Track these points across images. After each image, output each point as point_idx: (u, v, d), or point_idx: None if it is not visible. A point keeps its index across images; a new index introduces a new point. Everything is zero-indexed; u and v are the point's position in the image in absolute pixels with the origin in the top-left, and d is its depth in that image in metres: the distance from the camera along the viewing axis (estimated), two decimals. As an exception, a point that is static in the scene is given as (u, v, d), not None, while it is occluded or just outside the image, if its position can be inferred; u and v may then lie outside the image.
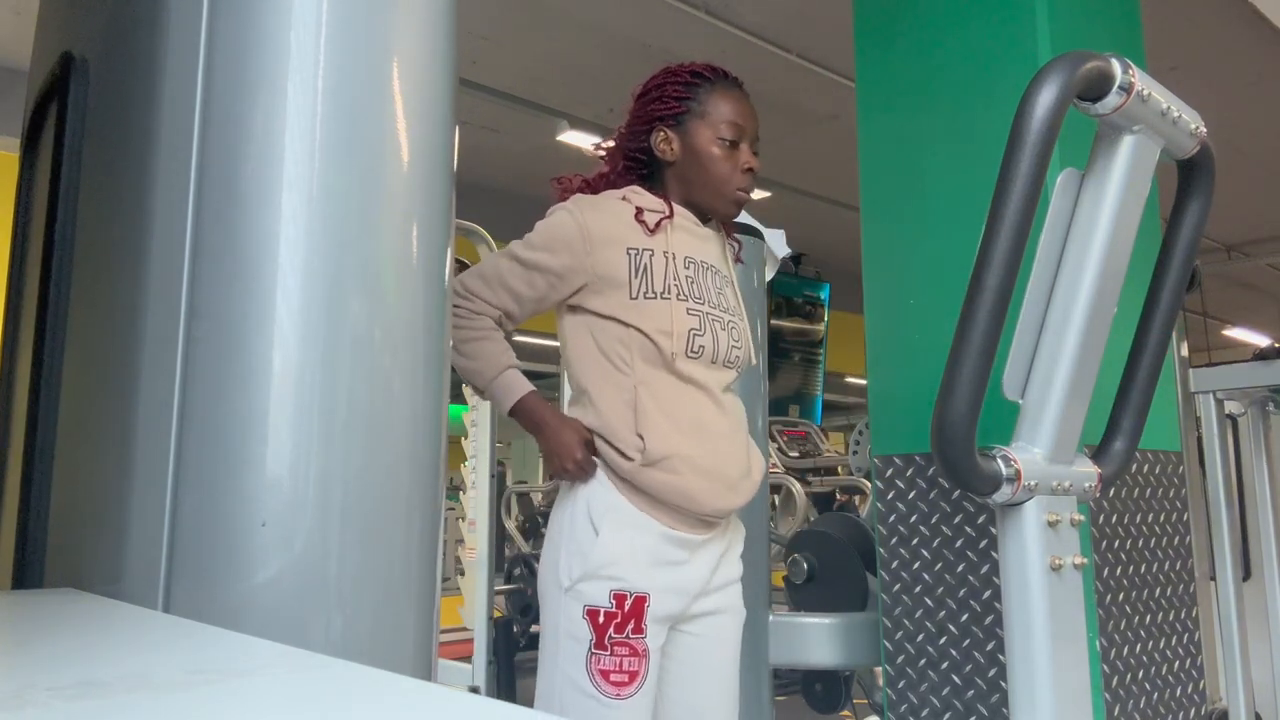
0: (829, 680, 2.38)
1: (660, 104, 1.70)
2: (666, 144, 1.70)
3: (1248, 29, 5.26)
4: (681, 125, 1.69)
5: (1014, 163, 1.12)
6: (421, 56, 1.06)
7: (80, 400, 1.05)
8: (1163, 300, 1.49)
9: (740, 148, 1.68)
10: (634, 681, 1.47)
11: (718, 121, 1.67)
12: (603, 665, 1.47)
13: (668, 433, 1.54)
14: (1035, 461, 1.19)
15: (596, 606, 1.49)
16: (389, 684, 0.59)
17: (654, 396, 1.57)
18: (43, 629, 0.80)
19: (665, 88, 1.71)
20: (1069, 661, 1.19)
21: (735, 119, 1.68)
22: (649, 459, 1.52)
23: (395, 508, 0.98)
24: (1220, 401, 2.51)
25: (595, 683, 1.47)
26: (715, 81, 1.70)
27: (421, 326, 1.03)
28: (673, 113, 1.69)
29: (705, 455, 1.56)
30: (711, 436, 1.59)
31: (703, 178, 1.69)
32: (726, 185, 1.68)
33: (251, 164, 0.95)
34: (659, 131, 1.70)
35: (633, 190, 1.70)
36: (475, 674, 3.28)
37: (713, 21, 5.16)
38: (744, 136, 1.68)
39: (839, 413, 11.29)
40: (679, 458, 1.53)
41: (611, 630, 1.48)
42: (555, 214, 1.67)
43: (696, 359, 1.59)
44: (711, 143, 1.67)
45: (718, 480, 1.58)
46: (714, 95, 1.69)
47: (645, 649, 1.49)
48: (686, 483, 1.53)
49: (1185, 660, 2.09)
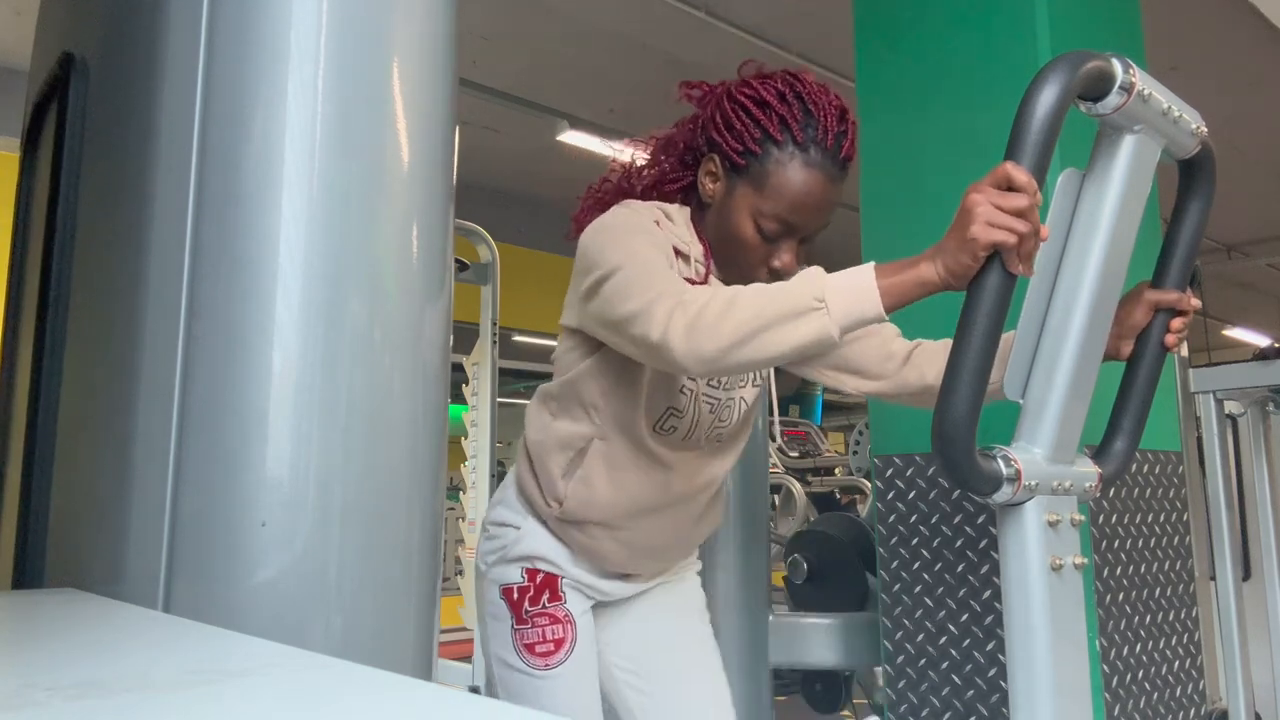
0: (829, 680, 2.37)
1: (729, 133, 1.35)
2: (711, 180, 1.39)
3: (1248, 29, 5.26)
4: (734, 174, 1.35)
5: (1014, 162, 1.11)
6: (421, 56, 1.06)
7: (80, 400, 1.05)
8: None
9: (780, 245, 1.35)
10: (560, 649, 1.43)
11: (771, 200, 1.32)
12: (526, 639, 1.44)
13: (595, 502, 1.43)
14: (1036, 461, 1.19)
15: (510, 584, 1.46)
16: (389, 684, 0.59)
17: (604, 457, 1.42)
18: (43, 629, 0.80)
19: (752, 114, 1.33)
20: (1069, 661, 1.19)
21: (791, 210, 1.32)
22: (565, 516, 1.45)
23: (395, 508, 0.98)
24: (1220, 401, 2.51)
25: (523, 657, 1.44)
26: (808, 149, 1.31)
27: (421, 326, 1.03)
28: (734, 152, 1.34)
29: (631, 530, 1.46)
30: (650, 512, 1.46)
31: (724, 248, 1.39)
32: (744, 274, 1.37)
33: (251, 164, 0.95)
34: (711, 160, 1.38)
35: (666, 215, 1.39)
36: (475, 674, 3.28)
37: (713, 21, 5.16)
38: (791, 234, 1.34)
39: (839, 413, 11.29)
40: (597, 526, 1.45)
41: (527, 604, 1.45)
42: (613, 213, 1.37)
43: (665, 436, 1.43)
44: (748, 218, 1.34)
45: (638, 551, 1.50)
46: (791, 165, 1.31)
47: (566, 614, 1.45)
48: (599, 546, 1.46)
49: (1185, 660, 2.09)
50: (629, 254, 1.27)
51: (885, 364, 1.50)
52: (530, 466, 1.49)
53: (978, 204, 1.07)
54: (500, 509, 1.54)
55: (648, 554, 1.53)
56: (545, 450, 1.46)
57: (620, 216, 1.36)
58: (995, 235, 1.06)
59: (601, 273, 1.27)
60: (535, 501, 1.47)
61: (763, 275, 1.37)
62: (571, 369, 1.44)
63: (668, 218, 1.39)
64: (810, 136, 1.31)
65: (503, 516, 1.52)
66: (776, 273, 1.36)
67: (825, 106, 1.33)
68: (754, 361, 1.16)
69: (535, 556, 1.47)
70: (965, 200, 1.09)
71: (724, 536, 2.27)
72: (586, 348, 1.42)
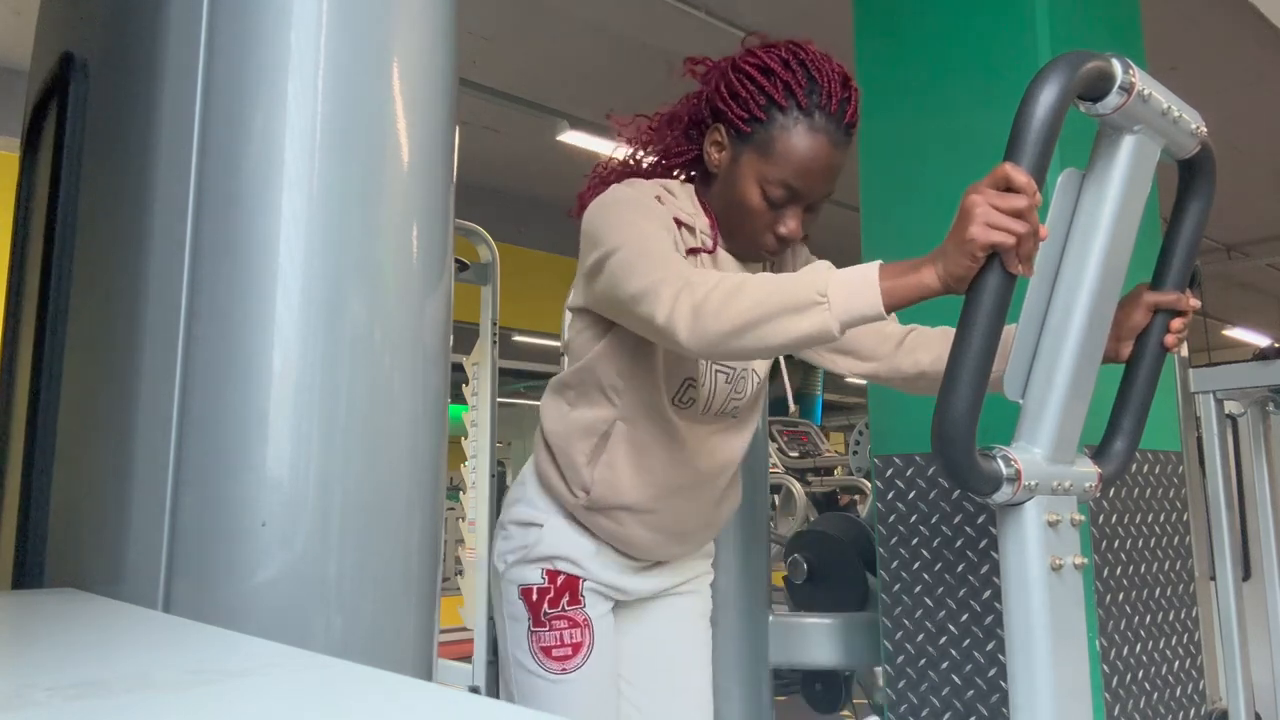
0: (829, 680, 2.37)
1: (734, 101, 1.35)
2: (716, 150, 1.39)
3: (1248, 29, 5.26)
4: (739, 142, 1.36)
5: (1014, 162, 1.11)
6: (421, 56, 1.06)
7: (80, 400, 1.05)
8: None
9: (786, 211, 1.36)
10: (578, 653, 1.43)
11: (776, 166, 1.33)
12: (543, 642, 1.43)
13: (621, 486, 1.43)
14: (1036, 461, 1.19)
15: (530, 584, 1.45)
16: (389, 684, 0.58)
17: (628, 440, 1.42)
18: (43, 629, 0.80)
19: (756, 81, 1.34)
20: (1069, 661, 1.19)
21: (797, 175, 1.33)
22: (592, 504, 1.44)
23: (395, 508, 0.98)
24: (1220, 401, 2.51)
25: (539, 660, 1.43)
26: (812, 114, 1.32)
27: (421, 326, 1.03)
28: (739, 119, 1.34)
29: (658, 512, 1.46)
30: (675, 492, 1.47)
31: (730, 216, 1.40)
32: (751, 241, 1.40)
33: (251, 164, 0.95)
34: (716, 130, 1.39)
35: (668, 190, 1.40)
36: (475, 674, 3.28)
37: (713, 21, 5.16)
38: (797, 199, 1.35)
39: (839, 413, 11.30)
40: (625, 511, 1.44)
41: (546, 606, 1.44)
42: (615, 190, 1.38)
43: (684, 409, 1.44)
44: (754, 185, 1.35)
45: (666, 534, 1.50)
46: (796, 130, 1.31)
47: (585, 619, 1.44)
48: (629, 533, 1.46)
49: (1185, 660, 2.09)
50: (632, 230, 1.28)
51: (880, 345, 1.50)
52: (551, 458, 1.47)
53: (976, 205, 1.07)
54: (520, 507, 1.51)
55: (675, 538, 1.52)
56: (567, 439, 1.44)
57: (622, 193, 1.37)
58: (994, 236, 1.06)
59: (605, 249, 1.28)
60: (559, 493, 1.45)
61: (769, 242, 1.39)
62: (585, 353, 1.43)
63: (669, 193, 1.40)
64: (815, 102, 1.32)
65: (524, 515, 1.50)
66: (782, 239, 1.38)
67: (829, 73, 1.35)
68: (754, 350, 1.17)
69: (557, 557, 1.46)
70: (964, 201, 1.09)
71: (724, 536, 2.26)
72: (598, 329, 1.42)
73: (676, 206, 1.38)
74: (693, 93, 1.46)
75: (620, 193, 1.37)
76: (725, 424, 1.50)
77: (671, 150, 1.46)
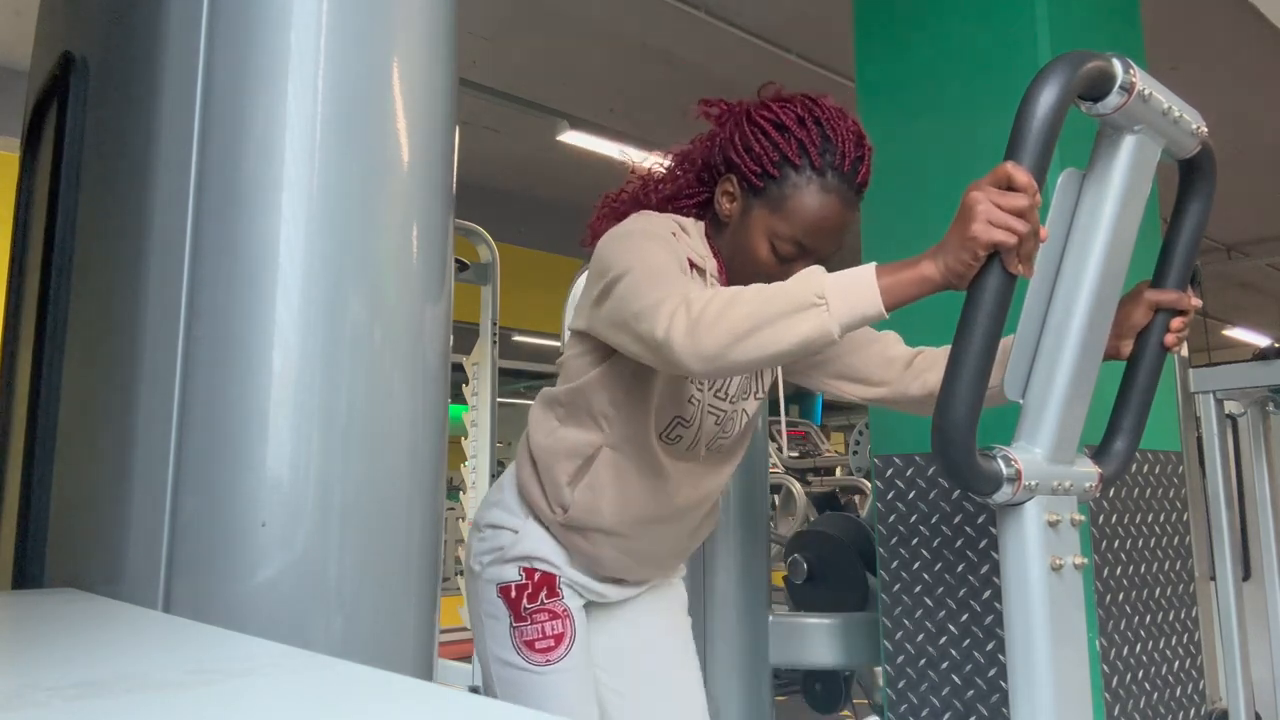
0: (829, 680, 2.37)
1: (748, 155, 1.35)
2: (728, 200, 1.40)
3: (1248, 29, 5.26)
4: (751, 195, 1.36)
5: (1015, 162, 1.11)
6: (421, 56, 1.06)
7: (80, 400, 1.05)
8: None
9: (794, 267, 1.30)
10: (560, 644, 1.43)
11: (787, 222, 1.33)
12: (526, 636, 1.44)
13: (600, 510, 1.43)
14: (1036, 461, 1.19)
15: (508, 582, 1.46)
16: (389, 684, 0.59)
17: (613, 467, 1.42)
18: (43, 629, 0.80)
19: (770, 137, 1.34)
20: (1069, 661, 1.19)
21: (807, 233, 1.33)
22: (568, 522, 1.44)
23: (395, 508, 0.98)
24: (1220, 401, 2.51)
25: (523, 654, 1.43)
26: (825, 174, 1.32)
27: (421, 326, 1.03)
28: (752, 173, 1.35)
29: (633, 538, 1.47)
30: (652, 521, 1.47)
31: (738, 264, 1.40)
32: None
33: (251, 164, 0.95)
34: (729, 180, 1.39)
35: (682, 229, 1.40)
36: (475, 674, 3.28)
37: (713, 21, 5.16)
38: (805, 256, 1.34)
39: (839, 413, 11.30)
40: (600, 533, 1.44)
41: (525, 601, 1.44)
42: (630, 220, 1.39)
43: (670, 445, 1.44)
44: (764, 239, 1.35)
45: (636, 559, 1.51)
46: (808, 189, 1.32)
47: (565, 609, 1.45)
48: (599, 553, 1.46)
49: (1185, 660, 2.09)
50: (642, 257, 1.28)
51: (887, 370, 1.50)
52: (534, 471, 1.48)
53: (978, 202, 1.07)
54: (496, 511, 1.52)
55: (646, 561, 1.54)
56: (552, 456, 1.45)
57: (638, 223, 1.37)
58: (995, 234, 1.06)
59: (614, 274, 1.28)
60: (538, 506, 1.47)
61: None
62: (579, 376, 1.44)
63: (684, 230, 1.40)
64: (828, 161, 1.32)
65: (498, 519, 1.51)
66: None
67: (843, 132, 1.35)
68: (755, 359, 1.16)
69: (533, 556, 1.47)
70: (965, 199, 1.09)
71: (724, 536, 2.27)
72: (596, 355, 1.42)
73: (689, 246, 1.39)
74: (706, 134, 1.46)
75: (635, 223, 1.37)
76: (709, 460, 1.51)
77: (683, 191, 1.47)
